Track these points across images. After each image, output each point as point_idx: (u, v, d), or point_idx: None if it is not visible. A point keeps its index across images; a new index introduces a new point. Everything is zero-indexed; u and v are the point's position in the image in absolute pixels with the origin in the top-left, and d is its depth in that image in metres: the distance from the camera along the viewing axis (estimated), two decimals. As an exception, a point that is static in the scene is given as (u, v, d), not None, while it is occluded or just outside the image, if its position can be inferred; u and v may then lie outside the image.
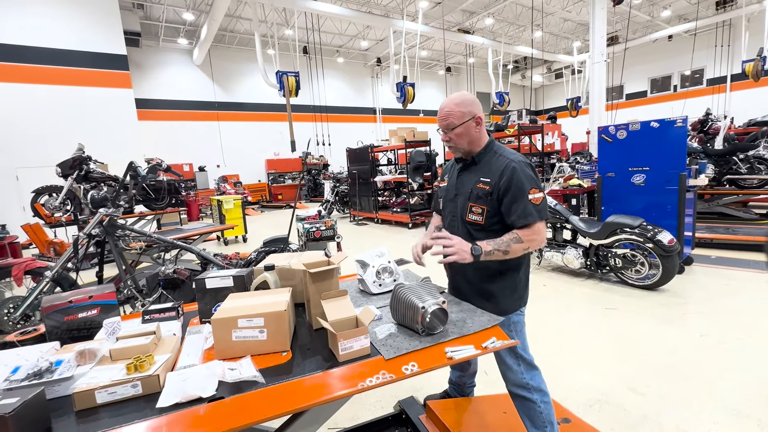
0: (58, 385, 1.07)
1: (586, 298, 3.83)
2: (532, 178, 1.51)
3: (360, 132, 18.20)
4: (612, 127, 4.46)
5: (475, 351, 1.21)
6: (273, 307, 1.25)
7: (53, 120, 9.11)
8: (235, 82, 16.08)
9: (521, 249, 1.51)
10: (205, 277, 1.51)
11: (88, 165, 5.18)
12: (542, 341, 2.99)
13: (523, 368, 1.61)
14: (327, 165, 16.89)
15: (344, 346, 1.16)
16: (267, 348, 1.23)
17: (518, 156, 1.55)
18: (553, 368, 2.58)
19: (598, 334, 3.08)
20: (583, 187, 6.00)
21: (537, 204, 1.49)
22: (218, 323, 1.21)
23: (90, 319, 1.42)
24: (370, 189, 9.33)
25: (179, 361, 1.20)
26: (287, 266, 1.64)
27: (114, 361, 1.16)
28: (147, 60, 14.19)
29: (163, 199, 6.00)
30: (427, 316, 1.27)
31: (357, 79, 19.19)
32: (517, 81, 22.58)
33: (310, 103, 15.79)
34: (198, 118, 15.30)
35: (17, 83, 8.80)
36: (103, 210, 2.97)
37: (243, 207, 8.18)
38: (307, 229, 4.08)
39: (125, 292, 2.86)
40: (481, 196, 1.56)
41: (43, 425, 0.93)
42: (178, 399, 1.00)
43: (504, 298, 1.60)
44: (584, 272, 4.54)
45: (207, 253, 3.41)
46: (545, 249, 4.64)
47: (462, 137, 1.58)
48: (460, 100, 1.56)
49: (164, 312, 1.47)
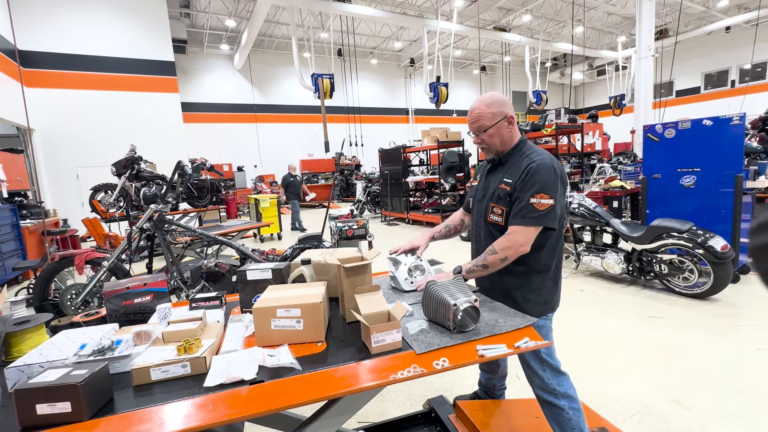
0: (118, 362, 1.17)
1: (627, 304, 3.67)
2: (548, 182, 1.45)
3: (392, 133, 18.26)
4: (659, 125, 4.22)
5: (507, 350, 1.20)
6: (309, 299, 1.31)
7: (109, 123, 9.86)
8: (272, 85, 16.66)
9: (498, 261, 1.48)
10: (247, 269, 1.60)
11: (139, 165, 5.56)
12: (579, 348, 2.90)
13: (549, 373, 1.58)
14: (359, 165, 17.09)
15: (377, 338, 1.20)
16: (303, 337, 1.29)
17: (545, 157, 1.51)
18: (590, 375, 2.49)
19: (640, 342, 2.93)
20: (625, 189, 5.72)
21: (539, 209, 1.44)
22: (259, 312, 1.28)
23: (144, 304, 1.55)
24: (401, 189, 9.36)
25: (223, 346, 1.28)
26: (322, 261, 1.70)
27: (166, 343, 1.26)
28: (192, 65, 15.01)
29: (205, 197, 6.33)
30: (459, 314, 1.28)
31: (390, 80, 19.28)
32: (556, 79, 21.79)
33: (343, 104, 16.04)
34: (237, 120, 16.00)
35: (78, 89, 9.60)
36: (154, 206, 3.19)
37: (278, 206, 8.46)
38: (340, 227, 4.17)
39: (171, 283, 3.05)
40: (502, 196, 1.56)
41: (107, 396, 1.03)
42: (223, 380, 1.07)
43: (526, 302, 1.57)
44: (625, 278, 4.34)
45: (246, 249, 3.57)
46: (583, 253, 4.47)
47: (494, 138, 1.57)
48: (490, 100, 1.56)
49: (209, 300, 1.57)
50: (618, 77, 17.29)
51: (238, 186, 14.93)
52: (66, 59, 9.47)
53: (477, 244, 1.73)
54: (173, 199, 3.50)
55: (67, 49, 9.47)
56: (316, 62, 11.07)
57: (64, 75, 9.47)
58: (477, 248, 1.73)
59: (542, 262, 1.56)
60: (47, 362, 1.13)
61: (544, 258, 1.56)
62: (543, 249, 1.54)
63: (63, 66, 9.45)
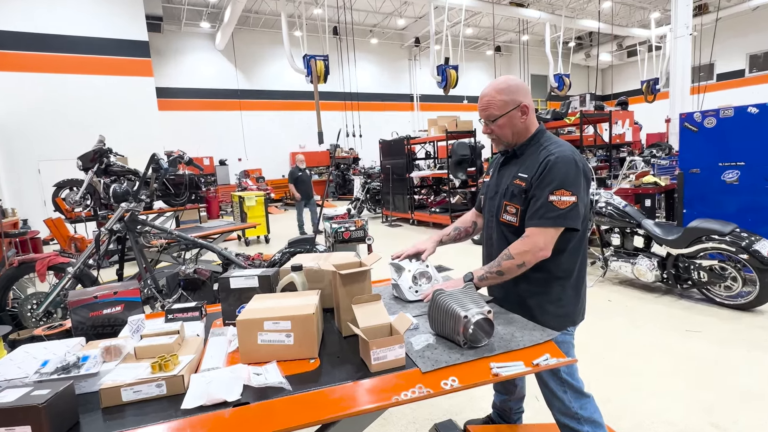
0: (84, 381, 1.18)
1: (661, 316, 3.67)
2: (569, 177, 1.46)
3: (395, 122, 18.28)
4: (698, 113, 4.22)
5: (525, 368, 1.20)
6: (301, 310, 1.31)
7: (74, 111, 9.89)
8: (259, 68, 16.68)
9: (514, 266, 1.49)
10: (230, 276, 1.60)
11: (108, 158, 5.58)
12: (605, 365, 2.90)
13: (570, 396, 1.58)
14: (357, 159, 17.12)
15: (377, 355, 1.20)
16: (294, 354, 1.29)
17: (565, 149, 1.51)
18: (617, 397, 2.49)
19: (675, 358, 2.93)
20: (659, 186, 5.71)
21: (559, 208, 1.44)
22: (243, 325, 1.28)
23: (114, 316, 1.56)
24: (405, 186, 9.36)
25: (203, 363, 1.29)
26: (315, 267, 1.70)
27: (138, 360, 1.26)
28: (168, 46, 15.04)
29: (183, 194, 6.34)
30: (470, 327, 1.28)
31: (392, 62, 19.30)
32: (581, 61, 21.77)
33: (340, 90, 16.07)
34: (219, 107, 16.03)
35: (37, 73, 9.62)
36: (125, 205, 3.20)
37: (266, 204, 8.47)
38: (335, 229, 4.17)
39: (145, 292, 3.06)
40: (516, 193, 1.56)
41: (72, 419, 1.04)
42: (203, 401, 1.08)
43: (544, 313, 1.57)
44: (659, 286, 4.34)
45: (229, 253, 3.57)
46: (611, 258, 4.47)
47: (505, 129, 1.58)
48: (503, 86, 1.56)
49: (187, 312, 1.58)
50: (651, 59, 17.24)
51: (220, 182, 14.97)
52: (24, 39, 9.50)
53: (489, 247, 1.73)
54: (147, 197, 3.51)
55: (25, 27, 9.49)
56: (308, 42, 11.07)
57: (22, 56, 9.50)
58: (489, 252, 1.73)
59: (562, 267, 1.56)
60: (5, 381, 1.13)
61: (565, 263, 1.56)
62: (564, 253, 1.54)
63: (21, 46, 9.47)
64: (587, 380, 1.66)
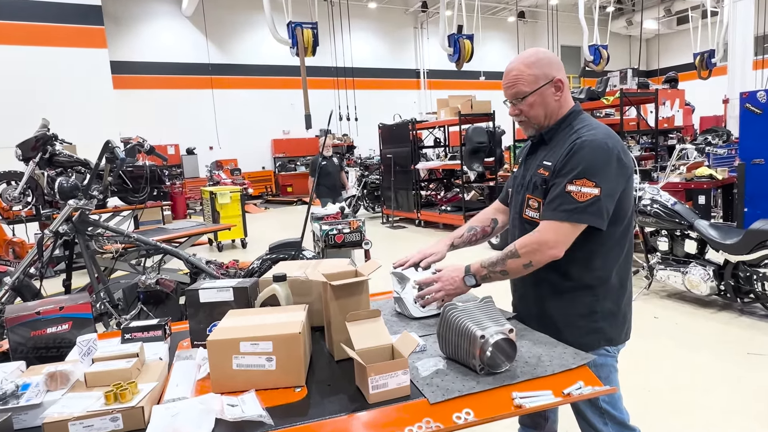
0: (25, 413, 1.18)
1: (717, 336, 3.68)
2: (595, 164, 1.46)
3: (398, 103, 18.24)
4: (762, 92, 4.23)
5: (554, 399, 1.20)
6: (284, 329, 1.31)
7: (10, 90, 9.86)
8: (234, 38, 16.70)
9: (521, 265, 1.50)
10: (199, 288, 1.60)
11: (53, 146, 5.59)
12: (653, 396, 2.91)
13: (612, 429, 1.58)
14: (353, 147, 17.15)
15: (376, 383, 1.20)
16: (276, 381, 1.29)
17: (598, 132, 1.52)
18: (669, 429, 2.49)
19: (735, 387, 2.94)
20: (715, 179, 5.72)
21: (577, 200, 1.45)
22: (215, 347, 1.28)
23: (60, 335, 1.56)
24: (409, 180, 9.37)
25: (167, 392, 1.29)
26: (302, 277, 1.70)
27: (90, 388, 1.26)
28: (125, 12, 15.06)
29: (143, 189, 6.34)
30: (488, 349, 1.28)
31: (394, 30, 19.31)
32: (621, 29, 21.77)
33: (331, 64, 16.05)
34: (187, 85, 16.03)
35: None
36: (73, 202, 3.20)
37: (242, 202, 8.48)
38: (326, 231, 4.18)
39: (98, 307, 3.07)
40: (539, 184, 1.58)
41: (9, 460, 1.04)
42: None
43: (570, 327, 1.57)
44: (715, 300, 4.35)
45: (198, 260, 3.58)
46: (657, 266, 4.47)
47: (536, 108, 1.58)
48: (533, 58, 1.57)
49: (148, 330, 1.58)
50: (706, 27, 17.24)
51: (187, 175, 14.99)
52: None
53: None
54: (100, 193, 3.51)
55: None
56: (293, 7, 11.07)
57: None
58: None
59: (595, 274, 1.56)
60: (-71, 414, 1.13)
61: (598, 269, 1.56)
62: (595, 257, 1.55)
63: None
64: (631, 413, 1.66)
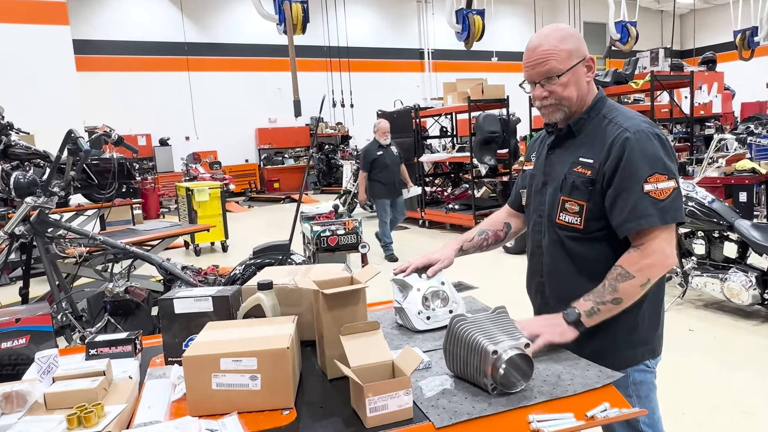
0: (-24, 440, 1.18)
1: (760, 352, 3.69)
2: (657, 158, 1.47)
3: (399, 87, 18.26)
4: (811, 75, 4.22)
5: (576, 422, 1.20)
6: (271, 343, 1.31)
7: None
8: (214, 14, 16.70)
9: (637, 286, 1.48)
10: (174, 298, 1.60)
11: (8, 136, 5.59)
12: (689, 416, 2.92)
13: None
14: (348, 137, 17.15)
15: (374, 404, 1.20)
16: (261, 402, 1.29)
17: (639, 122, 1.53)
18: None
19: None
20: (759, 174, 5.73)
21: (659, 199, 1.45)
22: (192, 363, 1.28)
23: (17, 351, 1.56)
24: (413, 174, 9.37)
25: (137, 416, 1.28)
26: (291, 285, 1.70)
27: (50, 411, 1.26)
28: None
29: (110, 185, 6.33)
30: (501, 366, 1.28)
31: (395, 5, 19.30)
32: (652, 4, 21.80)
33: (324, 43, 16.06)
34: (160, 66, 16.02)
35: None
36: (31, 200, 3.20)
37: (223, 199, 8.48)
38: (318, 232, 4.18)
39: (59, 318, 3.07)
40: (579, 185, 1.56)
41: (-41, 492, 1.04)
42: (138, 468, 1.08)
43: (606, 340, 1.56)
44: (758, 311, 4.36)
45: (172, 266, 3.58)
46: (693, 272, 4.48)
47: (570, 89, 1.57)
48: (565, 33, 1.58)
49: (116, 345, 1.58)
50: (748, 1, 17.26)
51: (160, 169, 15.01)
52: None
53: (536, 257, 1.73)
54: (61, 189, 3.51)
55: None
56: (280, -22, 11.07)
57: None
58: (536, 265, 1.74)
59: None
60: None
61: None
62: None
63: None
64: (661, 438, 1.66)
